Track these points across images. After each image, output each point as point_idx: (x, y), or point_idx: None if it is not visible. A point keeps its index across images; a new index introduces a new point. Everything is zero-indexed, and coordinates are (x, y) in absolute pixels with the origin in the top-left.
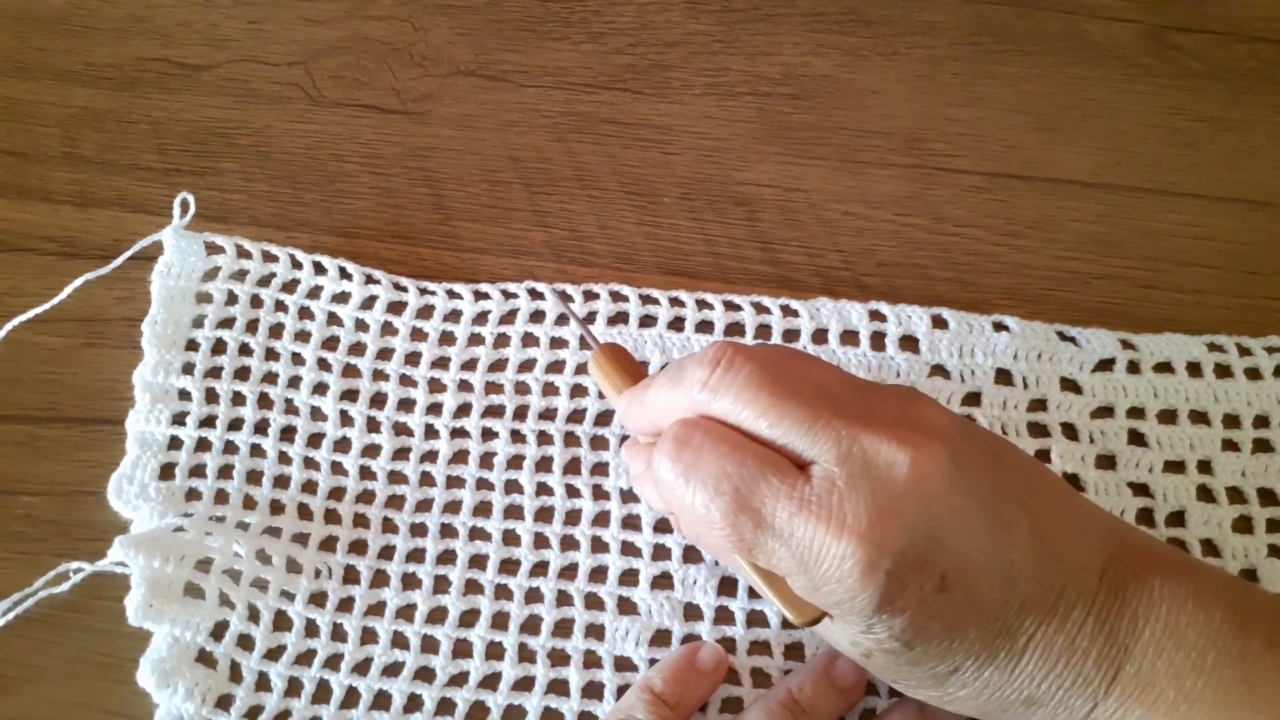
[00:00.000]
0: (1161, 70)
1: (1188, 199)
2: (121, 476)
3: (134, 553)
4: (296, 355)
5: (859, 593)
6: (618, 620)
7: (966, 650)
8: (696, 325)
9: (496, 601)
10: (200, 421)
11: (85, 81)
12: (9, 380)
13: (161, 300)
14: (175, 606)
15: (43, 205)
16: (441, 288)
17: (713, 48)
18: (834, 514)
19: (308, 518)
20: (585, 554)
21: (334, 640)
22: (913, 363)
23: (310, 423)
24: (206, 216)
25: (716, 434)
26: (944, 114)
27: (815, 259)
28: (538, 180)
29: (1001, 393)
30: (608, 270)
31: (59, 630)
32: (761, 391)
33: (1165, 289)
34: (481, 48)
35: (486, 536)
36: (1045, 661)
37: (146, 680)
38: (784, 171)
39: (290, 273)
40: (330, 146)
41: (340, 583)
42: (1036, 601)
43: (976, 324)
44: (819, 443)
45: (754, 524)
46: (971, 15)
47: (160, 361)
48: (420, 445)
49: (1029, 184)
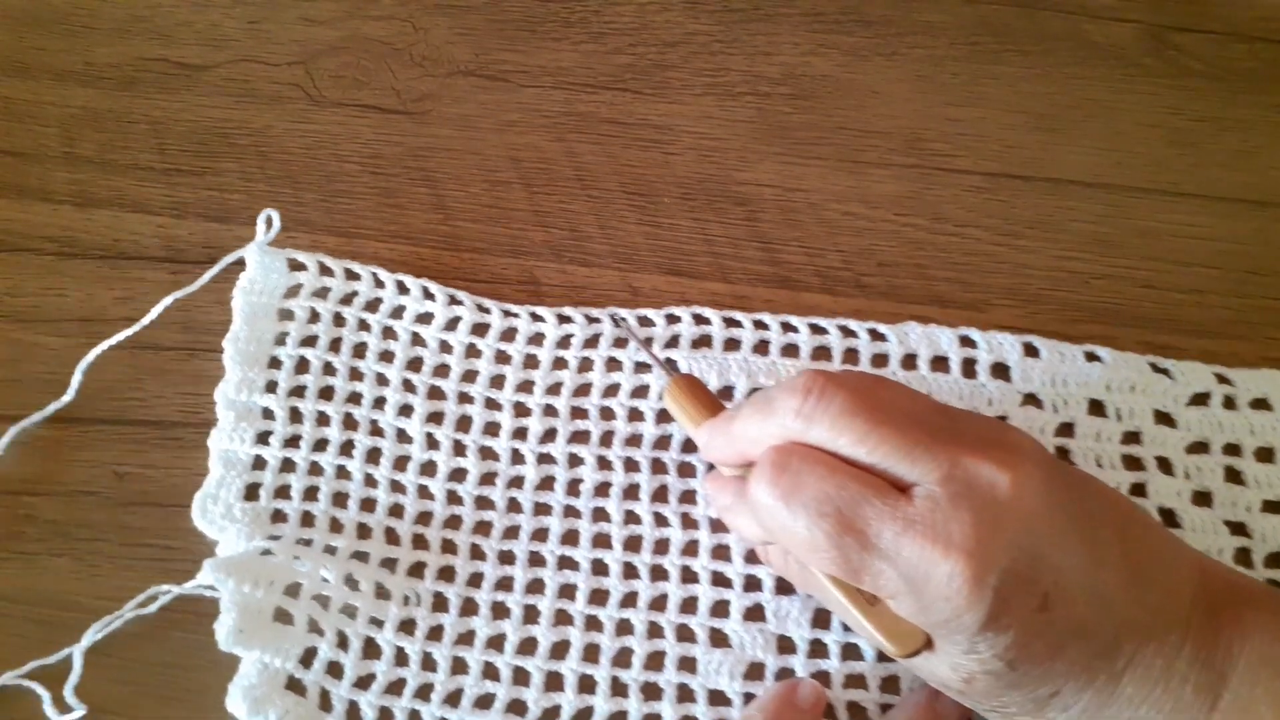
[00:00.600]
0: (1161, 70)
1: (1188, 199)
2: (206, 496)
3: (224, 576)
4: (381, 376)
5: (966, 610)
6: (710, 653)
7: (1067, 671)
8: (782, 349)
9: (587, 633)
10: (285, 441)
11: (85, 81)
12: (9, 380)
13: (244, 317)
14: (265, 632)
15: (42, 205)
16: (525, 310)
17: (713, 48)
18: (939, 532)
19: (395, 542)
20: (675, 584)
21: (424, 670)
22: (1005, 391)
23: (396, 445)
24: (206, 216)
25: (814, 458)
26: (944, 114)
27: (815, 259)
28: (538, 180)
29: (1095, 424)
30: (608, 270)
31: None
32: (857, 418)
33: (1165, 289)
34: (481, 48)
35: (575, 565)
36: (1144, 686)
37: (237, 707)
38: (784, 171)
39: (373, 291)
40: (330, 146)
41: (429, 610)
42: (1132, 624)
43: (1069, 353)
44: (918, 465)
45: (859, 545)
46: (971, 15)
47: (243, 379)
48: (507, 470)
49: (1029, 184)
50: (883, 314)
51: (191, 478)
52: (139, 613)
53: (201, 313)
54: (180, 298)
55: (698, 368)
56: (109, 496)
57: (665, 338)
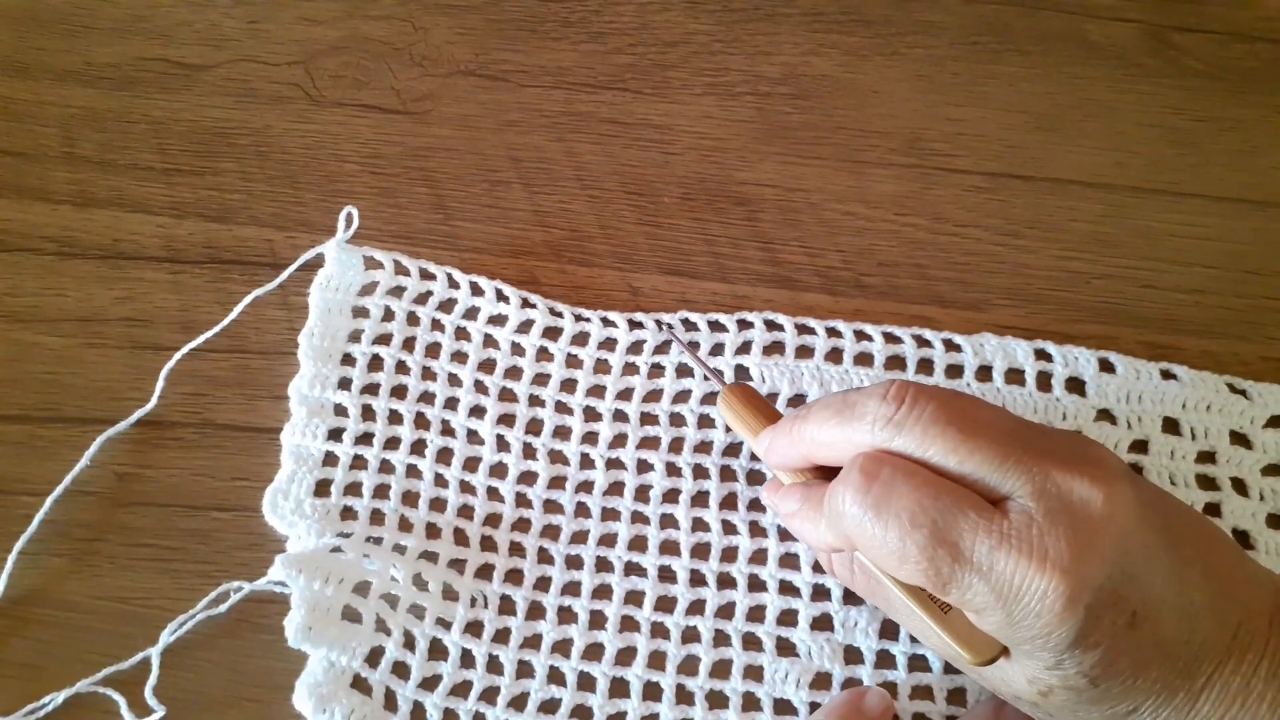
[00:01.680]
0: (1161, 70)
1: (1188, 199)
2: (276, 490)
3: (295, 573)
4: (453, 376)
5: (1058, 627)
6: (777, 662)
7: (1148, 689)
8: (855, 357)
9: (653, 640)
10: (356, 438)
11: (85, 81)
12: (9, 380)
13: (319, 313)
14: (333, 630)
15: (42, 205)
16: (596, 315)
17: (713, 48)
18: (1035, 548)
19: (463, 543)
20: (742, 593)
21: (490, 673)
22: (1079, 405)
23: (467, 446)
24: (206, 216)
25: (906, 469)
26: (944, 114)
27: (815, 259)
28: (538, 180)
29: (1169, 442)
30: (608, 270)
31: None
32: (949, 428)
33: (1165, 289)
34: (481, 47)
35: (642, 572)
36: (1221, 703)
37: (303, 704)
38: (784, 171)
39: (447, 292)
40: (330, 146)
41: (496, 613)
42: (1215, 642)
43: (1144, 370)
44: (1011, 479)
45: (952, 558)
46: (971, 15)
47: (317, 375)
48: (576, 475)
49: (1029, 184)
50: (883, 314)
51: (191, 478)
52: (209, 613)
53: (202, 313)
54: (260, 295)
55: (769, 374)
56: (109, 496)
57: (736, 344)
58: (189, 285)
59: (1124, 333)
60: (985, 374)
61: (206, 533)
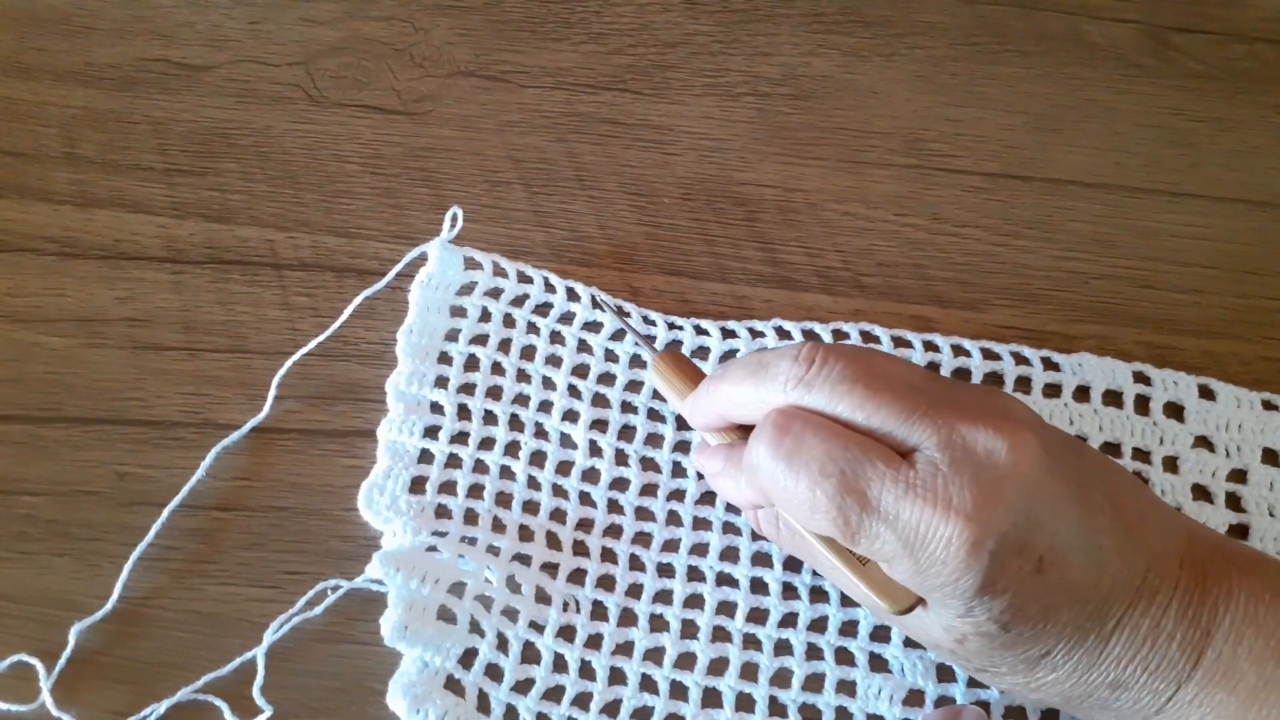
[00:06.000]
0: (1161, 70)
1: (1187, 199)
2: (372, 485)
3: (393, 570)
4: (547, 379)
5: (964, 573)
6: (870, 677)
7: (1059, 633)
8: (952, 374)
9: (745, 651)
10: (452, 437)
11: (85, 81)
12: (9, 380)
13: (419, 311)
14: (429, 630)
15: (43, 205)
16: (689, 323)
17: (713, 48)
18: (940, 497)
19: (556, 547)
20: (835, 607)
21: (582, 678)
22: (1177, 430)
23: (560, 449)
24: (207, 217)
25: (817, 422)
26: (944, 114)
27: (815, 259)
28: (538, 180)
29: (1269, 473)
30: (608, 270)
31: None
32: (857, 385)
33: (1164, 289)
34: (481, 48)
35: (734, 583)
36: (1132, 645)
37: (397, 703)
38: (784, 171)
39: (544, 295)
40: (330, 147)
41: (588, 618)
42: (1124, 585)
43: (1245, 398)
44: (917, 431)
45: (860, 507)
46: (971, 15)
47: (415, 372)
48: (667, 483)
49: (1028, 184)
50: (882, 314)
51: (191, 478)
52: (306, 616)
53: (202, 313)
54: (369, 295)
55: None
56: (110, 496)
57: None
58: (190, 285)
59: (1123, 333)
60: (1083, 394)
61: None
